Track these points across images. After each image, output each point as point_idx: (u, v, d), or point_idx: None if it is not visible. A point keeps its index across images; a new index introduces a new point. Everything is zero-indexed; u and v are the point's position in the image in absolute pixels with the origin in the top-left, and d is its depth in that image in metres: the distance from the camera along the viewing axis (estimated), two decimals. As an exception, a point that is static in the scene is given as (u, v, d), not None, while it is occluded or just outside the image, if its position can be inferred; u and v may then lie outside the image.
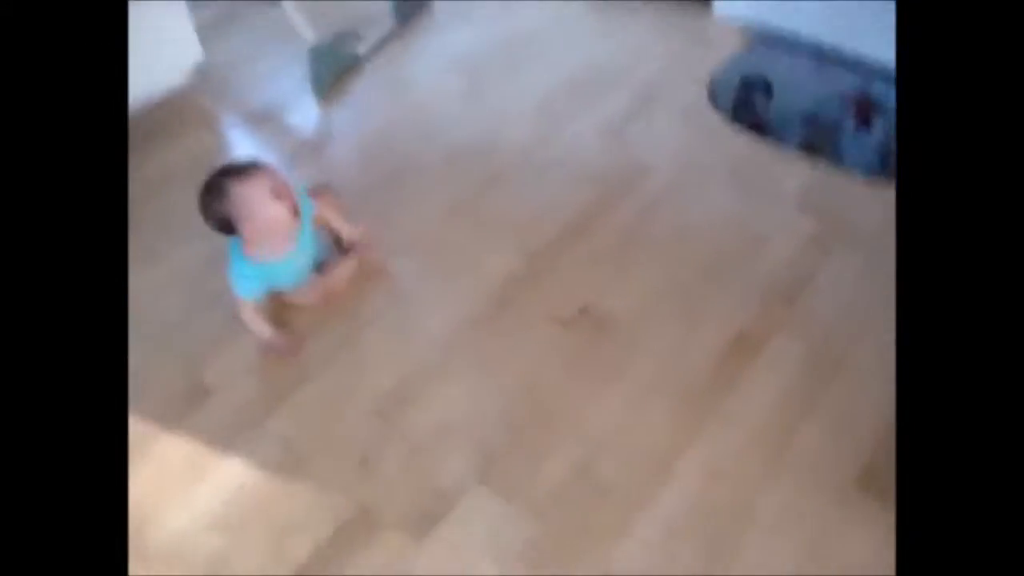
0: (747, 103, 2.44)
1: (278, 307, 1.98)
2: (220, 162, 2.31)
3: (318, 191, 2.06)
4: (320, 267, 2.01)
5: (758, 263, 2.03)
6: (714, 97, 2.49)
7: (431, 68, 2.75)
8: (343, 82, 2.67)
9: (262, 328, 1.92)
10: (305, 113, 2.59)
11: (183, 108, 2.61)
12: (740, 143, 2.35)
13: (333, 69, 2.64)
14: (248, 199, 1.77)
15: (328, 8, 2.89)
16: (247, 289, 1.89)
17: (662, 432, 1.70)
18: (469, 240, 2.14)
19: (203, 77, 2.68)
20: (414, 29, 2.87)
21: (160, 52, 2.51)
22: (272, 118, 2.59)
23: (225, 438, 1.75)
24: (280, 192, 1.78)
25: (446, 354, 1.89)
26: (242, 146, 2.53)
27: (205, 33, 2.74)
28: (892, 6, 2.26)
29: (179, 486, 1.68)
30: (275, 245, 1.85)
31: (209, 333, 1.96)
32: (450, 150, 2.41)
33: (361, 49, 2.73)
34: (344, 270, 2.03)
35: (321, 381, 1.86)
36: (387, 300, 2.02)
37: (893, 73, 2.43)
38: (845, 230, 2.08)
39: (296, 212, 1.82)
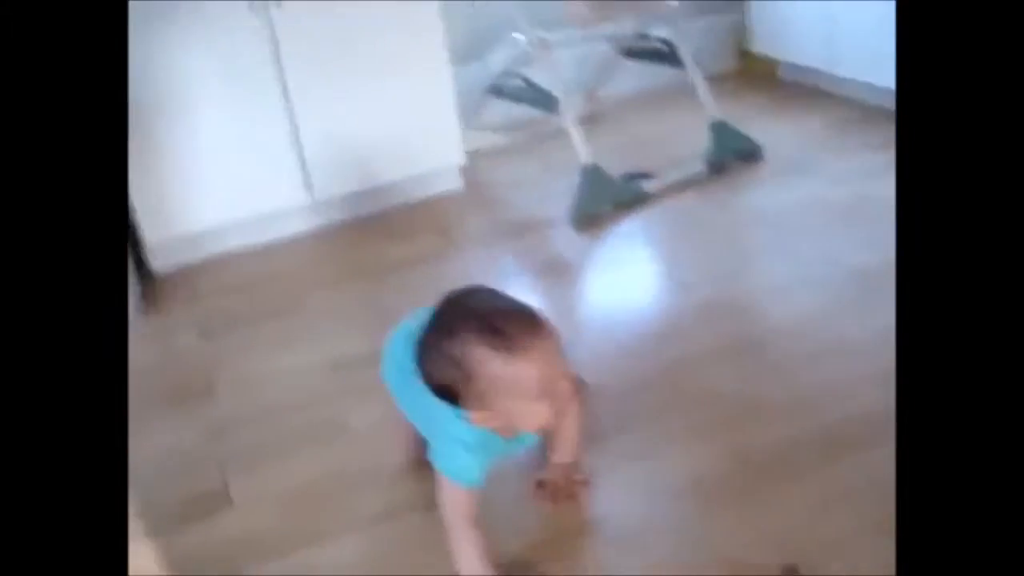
0: None
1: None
2: (445, 270, 2.05)
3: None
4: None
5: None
6: None
7: (731, 222, 2.13)
8: (617, 215, 2.15)
9: (476, 568, 1.13)
10: (563, 239, 2.11)
11: (438, 209, 2.31)
12: None
13: (604, 197, 2.15)
14: (502, 385, 1.07)
15: (637, 147, 2.47)
16: (470, 470, 1.13)
17: None
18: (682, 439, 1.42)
19: (467, 184, 2.41)
20: (733, 181, 2.29)
21: (422, 150, 2.27)
22: (523, 236, 2.14)
23: None
24: (549, 388, 1.08)
25: None
26: (478, 259, 2.09)
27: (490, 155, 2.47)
28: None
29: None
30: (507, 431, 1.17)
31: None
32: (707, 309, 1.74)
33: (649, 186, 2.21)
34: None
35: None
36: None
37: None
38: None
39: (559, 412, 1.12)
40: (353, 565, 1.21)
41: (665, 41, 2.41)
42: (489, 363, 1.06)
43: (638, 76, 2.89)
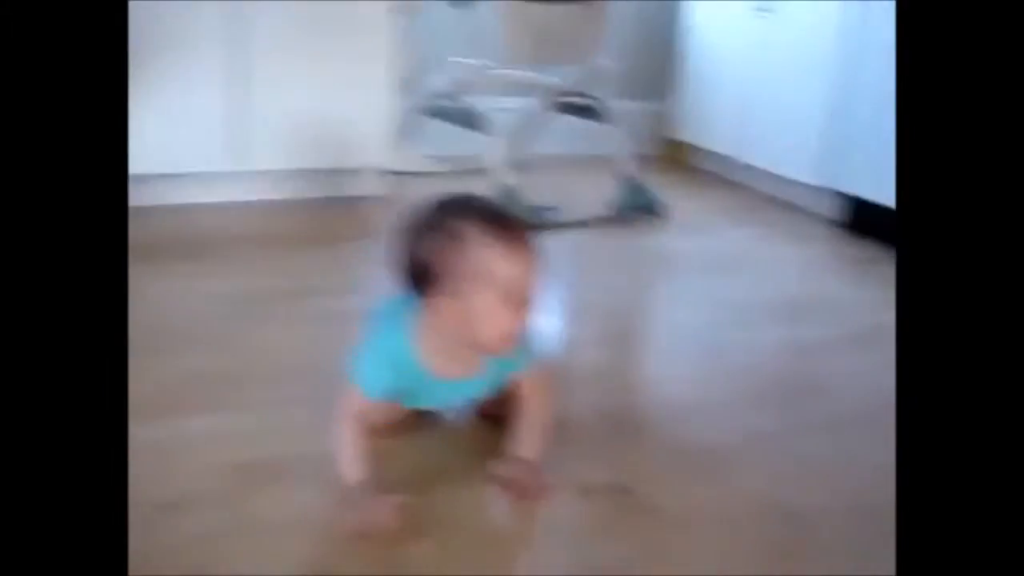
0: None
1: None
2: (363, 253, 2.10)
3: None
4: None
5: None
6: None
7: (626, 256, 2.31)
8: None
9: (355, 469, 1.12)
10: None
11: (360, 206, 2.45)
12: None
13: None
14: (487, 272, 1.07)
15: (552, 191, 2.65)
16: (378, 382, 1.13)
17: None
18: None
19: (391, 195, 2.54)
20: (635, 228, 2.50)
21: (355, 148, 2.42)
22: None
23: None
24: (522, 302, 1.09)
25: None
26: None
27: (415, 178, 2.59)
28: None
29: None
30: (459, 360, 1.17)
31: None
32: (597, 311, 1.91)
33: (557, 216, 2.39)
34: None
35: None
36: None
37: None
38: None
39: (520, 335, 1.13)
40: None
41: (594, 98, 2.64)
42: (486, 246, 1.07)
43: (565, 141, 3.12)
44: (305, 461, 1.22)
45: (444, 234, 1.09)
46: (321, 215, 2.37)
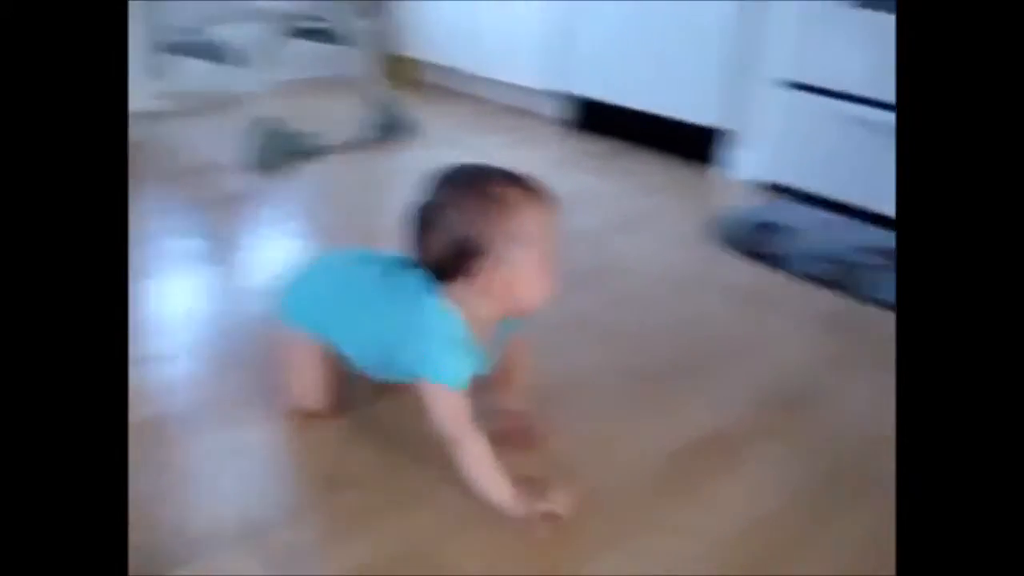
0: (759, 240, 2.02)
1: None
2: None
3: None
4: None
5: (755, 367, 1.48)
6: (718, 232, 2.07)
7: (388, 173, 2.42)
8: (293, 164, 2.33)
9: (496, 478, 1.07)
10: (241, 181, 2.23)
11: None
12: (746, 269, 1.89)
13: (284, 147, 2.31)
14: (532, 230, 1.06)
15: (309, 116, 2.65)
16: (462, 369, 1.08)
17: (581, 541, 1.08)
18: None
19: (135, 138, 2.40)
20: (393, 146, 2.59)
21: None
22: (201, 176, 2.24)
23: None
24: (551, 256, 1.09)
25: None
26: (157, 193, 2.12)
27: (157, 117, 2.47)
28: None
29: None
30: (482, 329, 1.12)
31: None
32: (367, 228, 1.99)
33: (322, 142, 2.42)
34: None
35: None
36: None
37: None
38: (868, 351, 1.55)
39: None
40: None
41: (327, 20, 2.64)
42: (526, 206, 1.05)
43: (302, 66, 3.10)
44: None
45: (483, 201, 1.04)
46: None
